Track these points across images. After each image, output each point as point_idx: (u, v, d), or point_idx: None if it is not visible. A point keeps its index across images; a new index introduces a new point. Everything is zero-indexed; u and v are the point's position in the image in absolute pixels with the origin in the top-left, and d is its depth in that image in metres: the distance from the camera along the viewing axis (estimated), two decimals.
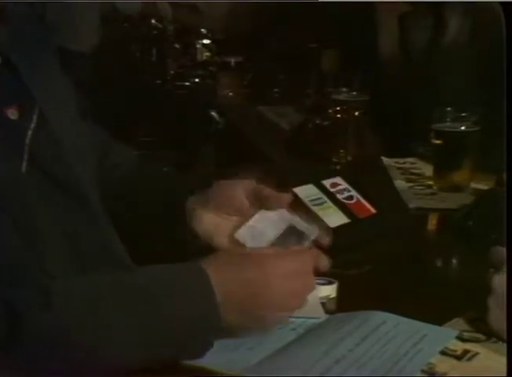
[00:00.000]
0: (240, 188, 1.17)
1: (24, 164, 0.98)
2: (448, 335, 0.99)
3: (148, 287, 0.92)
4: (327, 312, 1.07)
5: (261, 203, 1.17)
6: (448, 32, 1.99)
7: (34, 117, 1.01)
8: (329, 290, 1.11)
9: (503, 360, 0.93)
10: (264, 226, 1.16)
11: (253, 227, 1.15)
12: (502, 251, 1.01)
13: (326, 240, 1.17)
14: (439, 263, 1.36)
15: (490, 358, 0.94)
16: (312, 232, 1.17)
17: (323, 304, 1.09)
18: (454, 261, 1.38)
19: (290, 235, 1.15)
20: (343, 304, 1.10)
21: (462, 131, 1.62)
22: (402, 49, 2.12)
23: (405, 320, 1.02)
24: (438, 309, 1.08)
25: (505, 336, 0.96)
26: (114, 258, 1.08)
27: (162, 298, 0.91)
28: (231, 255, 1.01)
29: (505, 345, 0.96)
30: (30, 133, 1.00)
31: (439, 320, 1.03)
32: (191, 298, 0.91)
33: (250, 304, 0.94)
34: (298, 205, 1.29)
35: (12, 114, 0.99)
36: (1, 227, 0.92)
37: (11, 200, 0.94)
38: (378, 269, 1.26)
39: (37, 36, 1.10)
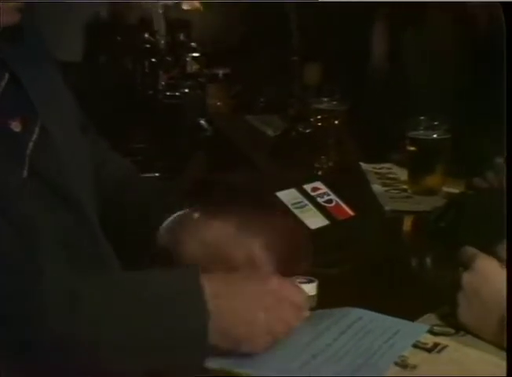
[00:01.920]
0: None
1: (25, 172, 0.98)
2: (420, 330, 0.99)
3: (140, 292, 0.90)
4: (308, 309, 1.06)
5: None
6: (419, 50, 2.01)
7: (36, 129, 1.01)
8: (310, 289, 1.10)
9: (470, 351, 0.94)
10: None
11: None
12: (471, 251, 1.02)
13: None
14: (413, 262, 1.36)
15: (458, 350, 0.95)
16: None
17: None
18: (427, 260, 1.37)
19: None
20: (323, 301, 1.10)
21: (435, 139, 1.63)
22: (380, 64, 2.14)
23: (380, 316, 1.02)
24: (412, 305, 1.08)
25: (472, 329, 0.97)
26: (105, 262, 1.07)
27: (153, 305, 0.89)
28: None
29: (472, 337, 0.97)
30: (31, 144, 1.00)
31: (413, 315, 1.03)
32: (180, 309, 0.89)
33: (239, 326, 0.91)
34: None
35: (16, 126, 0.99)
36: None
37: (11, 204, 0.94)
38: (357, 268, 1.26)
39: (41, 50, 1.10)
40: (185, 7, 3.12)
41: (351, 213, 1.41)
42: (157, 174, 2.58)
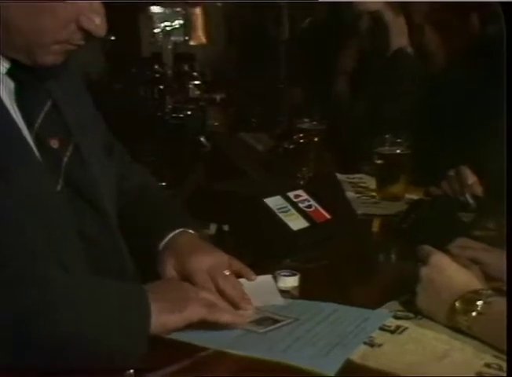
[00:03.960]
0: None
1: (60, 183, 1.01)
2: (385, 315, 1.00)
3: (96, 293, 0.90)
4: (291, 298, 1.08)
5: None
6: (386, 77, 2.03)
7: (70, 147, 1.04)
8: (292, 281, 1.12)
9: (427, 332, 0.95)
10: None
11: None
12: (428, 248, 1.03)
13: None
14: (380, 257, 1.37)
15: (416, 331, 0.96)
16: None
17: (287, 292, 1.09)
18: (392, 256, 1.38)
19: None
20: (304, 292, 1.11)
21: (398, 154, 1.65)
22: (352, 90, 2.16)
23: (353, 308, 1.02)
24: (378, 293, 1.09)
25: (429, 314, 0.98)
26: (121, 266, 1.09)
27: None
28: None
29: (428, 320, 0.98)
30: (66, 159, 1.02)
31: (379, 302, 1.04)
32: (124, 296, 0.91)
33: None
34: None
35: (54, 144, 1.02)
36: (32, 227, 0.93)
37: (46, 210, 0.96)
38: (333, 263, 1.27)
39: (77, 82, 1.13)
40: (192, 43, 3.14)
41: (328, 216, 1.42)
42: (164, 183, 2.59)
